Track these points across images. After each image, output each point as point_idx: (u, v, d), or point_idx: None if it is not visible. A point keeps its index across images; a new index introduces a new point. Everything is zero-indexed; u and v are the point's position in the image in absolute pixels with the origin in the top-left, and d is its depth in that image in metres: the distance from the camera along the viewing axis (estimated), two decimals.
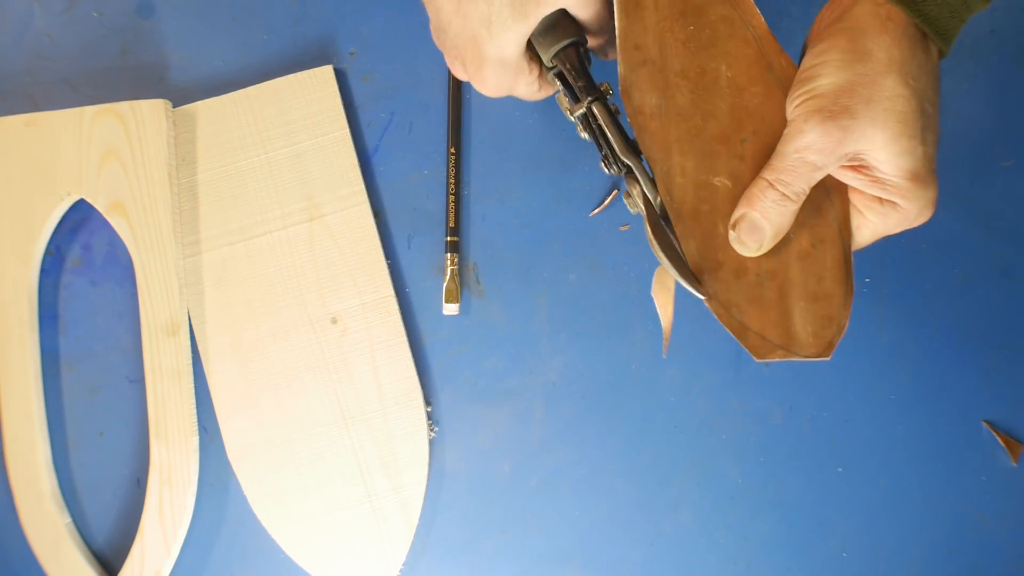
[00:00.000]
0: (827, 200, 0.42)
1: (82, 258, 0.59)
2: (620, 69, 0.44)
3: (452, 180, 0.57)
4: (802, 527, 0.54)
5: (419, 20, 0.60)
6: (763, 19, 0.44)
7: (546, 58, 0.46)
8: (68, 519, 0.55)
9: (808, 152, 0.39)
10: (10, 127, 0.57)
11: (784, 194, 0.40)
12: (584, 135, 0.47)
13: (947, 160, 0.56)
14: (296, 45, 0.60)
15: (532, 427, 0.56)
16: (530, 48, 0.46)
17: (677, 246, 0.43)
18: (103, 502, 0.56)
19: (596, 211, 0.57)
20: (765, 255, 0.42)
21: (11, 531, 0.55)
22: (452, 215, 0.57)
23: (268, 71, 0.59)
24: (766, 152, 0.42)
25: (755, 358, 0.42)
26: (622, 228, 0.57)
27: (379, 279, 0.56)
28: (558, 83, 0.47)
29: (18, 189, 0.57)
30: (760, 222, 0.40)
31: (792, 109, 0.40)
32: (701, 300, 0.42)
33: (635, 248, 0.57)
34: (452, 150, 0.58)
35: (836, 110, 0.38)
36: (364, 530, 0.54)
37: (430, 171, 0.58)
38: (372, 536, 0.54)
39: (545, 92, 0.50)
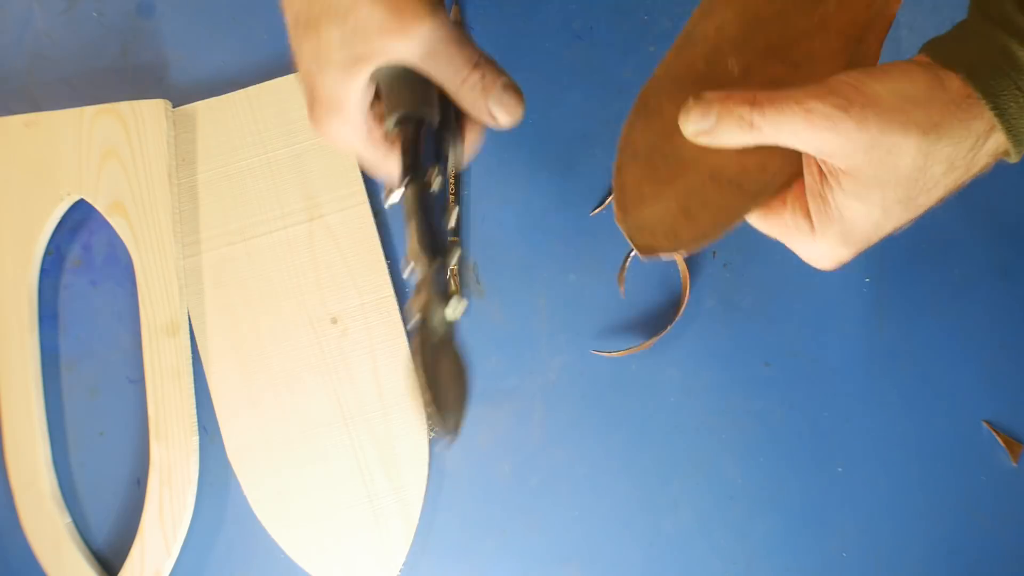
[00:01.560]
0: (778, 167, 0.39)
1: (82, 258, 0.59)
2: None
3: (452, 180, 0.57)
4: (802, 527, 0.54)
5: None
6: None
7: (387, 122, 0.39)
8: (68, 519, 0.55)
9: (810, 103, 0.34)
10: (10, 127, 0.57)
11: (749, 120, 0.36)
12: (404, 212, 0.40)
13: None
14: None
15: (532, 427, 0.56)
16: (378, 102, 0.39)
17: (435, 375, 0.38)
18: (103, 502, 0.56)
19: (596, 211, 0.57)
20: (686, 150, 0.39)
21: (11, 531, 0.55)
22: (452, 215, 0.57)
23: (268, 71, 0.59)
24: None
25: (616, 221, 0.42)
26: None
27: (379, 279, 0.56)
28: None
29: (18, 189, 0.57)
30: (710, 110, 0.36)
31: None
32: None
33: None
34: None
35: (854, 103, 0.34)
36: (364, 530, 0.54)
37: None
38: (372, 536, 0.54)
39: (392, 165, 0.40)
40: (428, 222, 0.39)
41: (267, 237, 0.57)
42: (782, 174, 0.40)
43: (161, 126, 0.57)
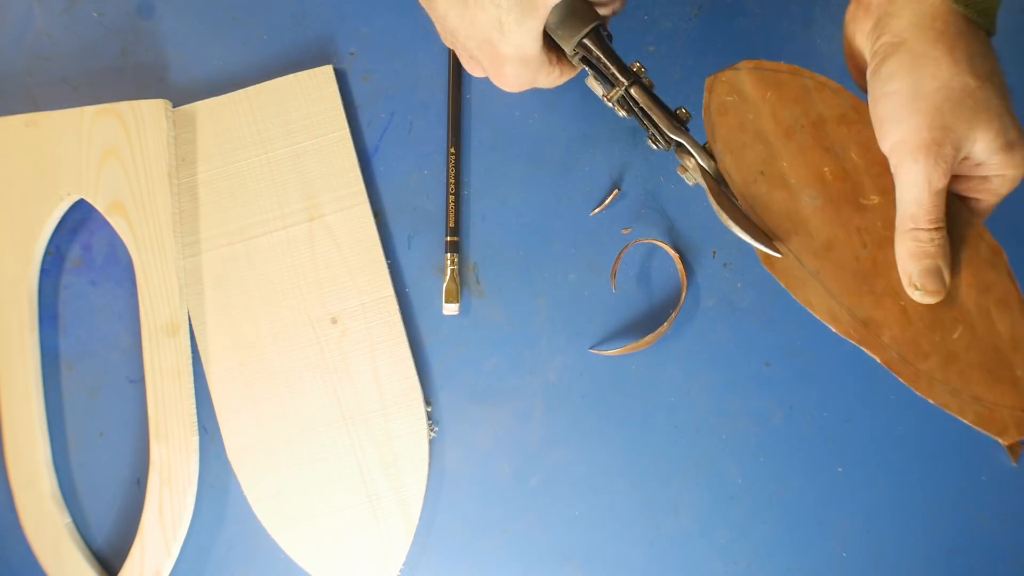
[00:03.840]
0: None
1: (82, 258, 0.59)
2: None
3: (452, 180, 0.57)
4: (802, 527, 0.54)
5: (419, 20, 0.60)
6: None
7: (568, 48, 0.45)
8: (68, 519, 0.55)
9: (935, 182, 0.40)
10: (10, 127, 0.57)
11: (933, 228, 0.41)
12: (623, 114, 0.47)
13: None
14: (296, 45, 0.60)
15: (532, 427, 0.56)
16: (547, 37, 0.46)
17: (741, 208, 0.43)
18: (103, 502, 0.56)
19: (596, 211, 0.57)
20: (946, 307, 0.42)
21: (11, 531, 0.55)
22: (452, 215, 0.57)
23: (268, 71, 0.59)
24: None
25: (1006, 441, 0.42)
26: (624, 231, 0.57)
27: (379, 279, 0.56)
28: (586, 68, 0.46)
29: (18, 189, 0.57)
30: (932, 264, 0.41)
31: (892, 151, 0.41)
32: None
33: (636, 248, 0.57)
34: (452, 150, 0.58)
35: (936, 135, 0.39)
36: (364, 530, 0.54)
37: (430, 171, 0.58)
38: (372, 536, 0.54)
39: (568, 76, 0.49)
40: (661, 103, 0.45)
41: (267, 237, 0.57)
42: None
43: (161, 126, 0.57)
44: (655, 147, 0.46)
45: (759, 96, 0.45)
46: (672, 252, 0.56)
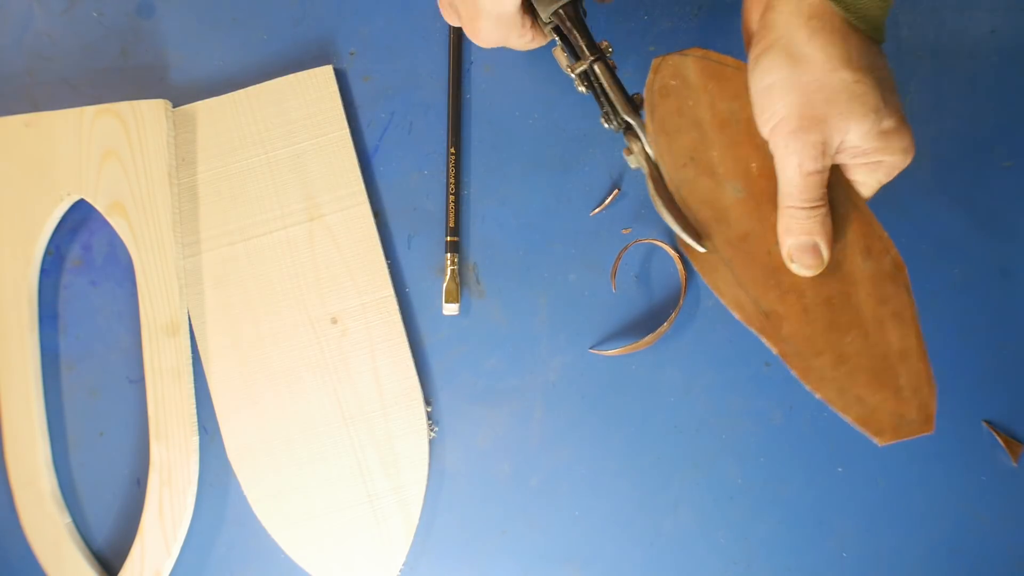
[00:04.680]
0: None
1: (82, 258, 0.59)
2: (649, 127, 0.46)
3: (452, 180, 0.57)
4: (802, 527, 0.54)
5: (419, 20, 0.60)
6: None
7: (544, 14, 0.46)
8: (68, 519, 0.55)
9: (805, 166, 0.42)
10: (10, 127, 0.57)
11: (809, 206, 0.43)
12: (581, 89, 0.48)
13: (947, 160, 0.56)
14: (296, 45, 0.60)
15: (532, 427, 0.56)
16: (525, 1, 0.47)
17: (676, 201, 0.45)
18: (103, 502, 0.56)
19: (596, 211, 0.57)
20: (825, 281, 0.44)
21: (11, 531, 0.55)
22: (452, 215, 0.57)
23: (268, 71, 0.59)
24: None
25: (881, 442, 0.44)
26: (624, 231, 0.57)
27: (379, 279, 0.56)
28: (556, 38, 0.48)
29: (18, 189, 0.57)
30: (807, 239, 0.43)
31: (767, 134, 0.43)
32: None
33: (636, 248, 0.57)
34: (452, 150, 0.58)
35: (805, 123, 0.41)
36: (364, 530, 0.54)
37: (430, 171, 0.58)
38: (372, 536, 0.54)
39: (538, 43, 0.50)
40: (620, 83, 0.46)
41: (267, 237, 0.57)
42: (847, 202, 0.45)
43: (161, 126, 0.57)
44: (607, 126, 0.47)
45: (701, 85, 0.46)
46: (672, 252, 0.56)
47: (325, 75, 0.58)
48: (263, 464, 0.55)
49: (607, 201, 0.57)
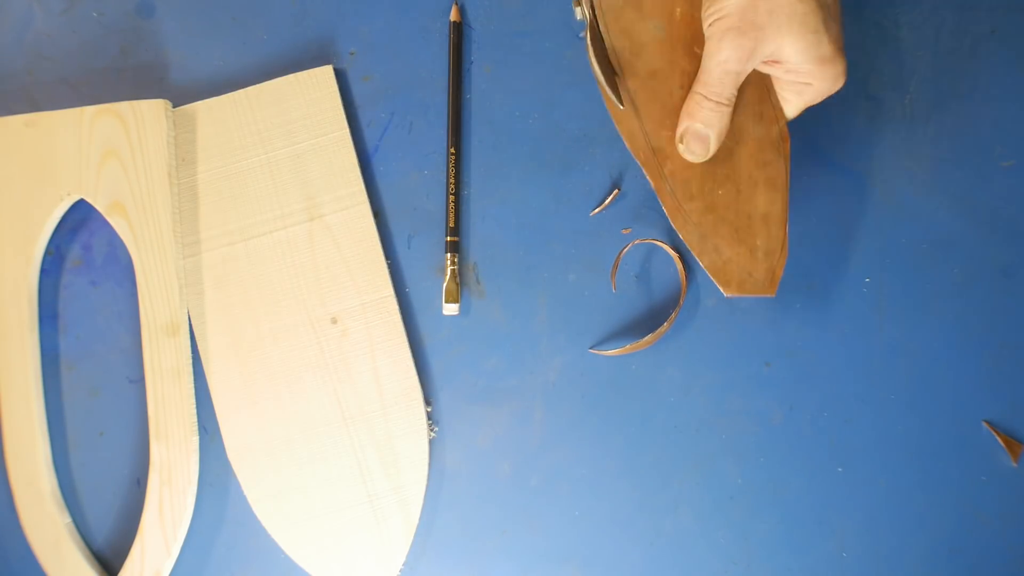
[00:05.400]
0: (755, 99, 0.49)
1: (82, 258, 0.59)
2: None
3: (452, 180, 0.57)
4: (802, 527, 0.54)
5: (419, 20, 0.60)
6: None
7: None
8: (68, 519, 0.55)
9: (728, 63, 0.46)
10: (10, 127, 0.57)
11: (717, 102, 0.47)
12: None
13: (947, 160, 0.56)
14: (296, 45, 0.60)
15: (532, 427, 0.56)
16: None
17: (609, 57, 0.48)
18: (103, 502, 0.56)
19: (596, 211, 0.57)
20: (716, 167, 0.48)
21: (11, 531, 0.55)
22: (452, 215, 0.57)
23: (268, 71, 0.59)
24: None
25: (726, 293, 0.49)
26: (624, 231, 0.57)
27: (379, 279, 0.56)
28: None
29: (18, 189, 0.57)
30: (703, 130, 0.47)
31: (707, 28, 0.46)
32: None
33: (636, 248, 0.57)
34: (452, 150, 0.58)
35: (744, 27, 0.44)
36: (364, 530, 0.54)
37: (430, 171, 0.58)
38: (372, 536, 0.54)
39: None
40: None
41: (267, 237, 0.57)
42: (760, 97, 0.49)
43: (161, 126, 0.57)
44: None
45: None
46: (672, 252, 0.56)
47: (325, 75, 0.58)
48: (263, 464, 0.55)
49: (607, 201, 0.57)
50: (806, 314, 0.56)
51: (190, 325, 0.56)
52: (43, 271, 0.58)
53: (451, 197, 0.57)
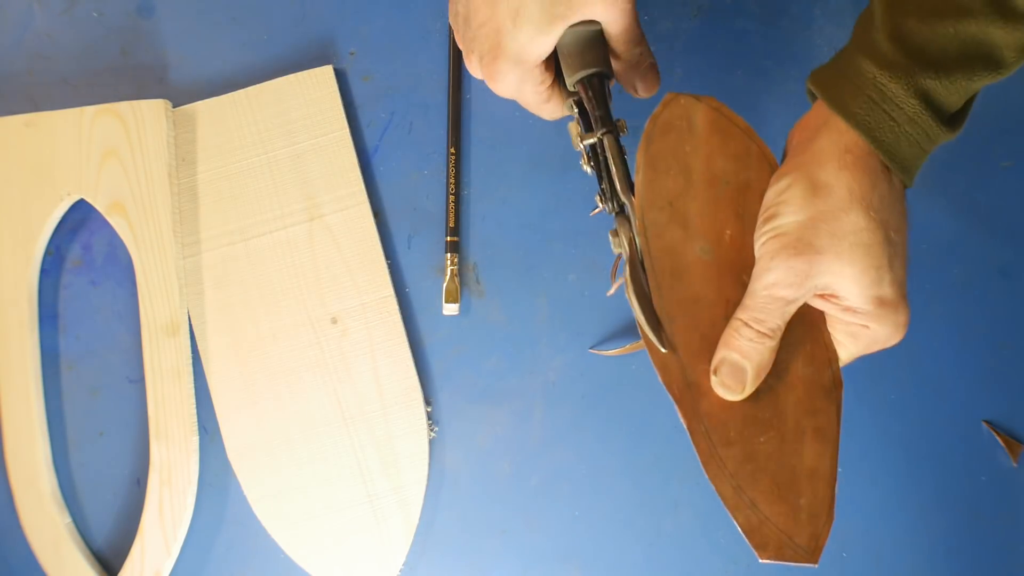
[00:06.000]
0: (806, 335, 0.43)
1: (82, 258, 0.59)
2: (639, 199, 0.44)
3: (452, 180, 0.57)
4: None
5: (419, 20, 0.60)
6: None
7: (570, 80, 0.45)
8: (68, 519, 0.55)
9: (777, 288, 0.40)
10: (10, 127, 0.57)
11: (759, 331, 0.40)
12: (587, 168, 0.47)
13: (947, 160, 0.56)
14: (296, 45, 0.60)
15: (532, 427, 0.56)
16: (553, 61, 0.46)
17: (648, 294, 0.43)
18: (103, 502, 0.56)
19: (596, 211, 0.57)
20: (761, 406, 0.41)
21: (11, 531, 0.55)
22: (452, 215, 0.57)
23: (268, 71, 0.59)
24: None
25: (761, 558, 0.40)
26: None
27: (379, 279, 0.56)
28: (574, 109, 0.47)
29: (18, 189, 0.57)
30: (740, 362, 0.40)
31: (759, 247, 0.41)
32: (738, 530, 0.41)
33: None
34: (452, 150, 0.58)
35: (801, 247, 0.39)
36: (364, 530, 0.54)
37: (430, 171, 0.58)
38: (372, 536, 0.54)
39: (551, 105, 0.49)
40: (625, 162, 0.45)
41: (267, 237, 0.57)
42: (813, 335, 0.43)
43: (161, 126, 0.57)
44: (600, 206, 0.46)
45: (705, 135, 0.44)
46: None
47: (325, 75, 0.58)
48: (263, 464, 0.55)
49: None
50: None
51: (190, 325, 0.56)
52: (43, 271, 0.58)
53: (451, 197, 0.57)
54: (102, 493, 0.56)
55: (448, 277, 0.56)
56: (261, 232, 0.57)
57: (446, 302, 0.56)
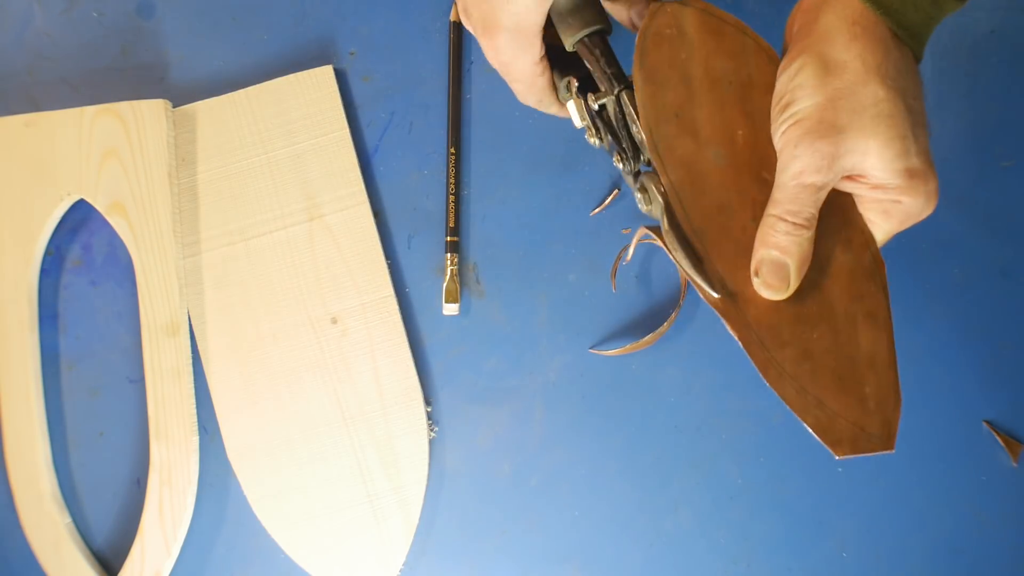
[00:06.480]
0: (842, 221, 0.41)
1: (82, 258, 0.59)
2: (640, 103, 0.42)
3: (452, 180, 0.57)
4: (802, 527, 0.54)
5: (419, 20, 0.60)
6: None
7: (569, 42, 0.45)
8: (68, 519, 0.55)
9: (805, 175, 0.38)
10: (10, 127, 0.57)
11: (795, 223, 0.39)
12: (594, 140, 0.46)
13: (947, 160, 0.56)
14: (296, 45, 0.60)
15: (532, 427, 0.56)
16: (547, 30, 0.45)
17: (693, 246, 0.41)
18: (103, 502, 0.56)
19: (596, 211, 0.57)
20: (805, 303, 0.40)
21: (11, 531, 0.55)
22: (452, 215, 0.57)
23: (268, 71, 0.59)
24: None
25: (838, 454, 0.39)
26: (624, 231, 0.57)
27: (379, 279, 0.56)
28: (572, 88, 0.46)
29: (18, 189, 0.57)
30: (780, 258, 0.39)
31: (779, 137, 0.40)
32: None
33: (636, 248, 0.57)
34: (452, 150, 0.58)
35: (823, 129, 0.38)
36: (364, 530, 0.54)
37: (430, 171, 0.58)
38: (372, 536, 0.54)
39: (543, 81, 0.48)
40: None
41: (267, 237, 0.57)
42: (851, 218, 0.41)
43: (161, 126, 0.57)
44: (620, 166, 0.45)
45: (698, 39, 0.43)
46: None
47: (325, 75, 0.58)
48: (263, 464, 0.55)
49: (607, 201, 0.57)
50: None
51: (190, 325, 0.56)
52: (43, 271, 0.58)
53: (451, 197, 0.57)
54: (102, 493, 0.56)
55: (448, 277, 0.56)
56: (261, 232, 0.57)
57: (446, 302, 0.56)
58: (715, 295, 0.40)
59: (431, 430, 0.56)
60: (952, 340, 0.55)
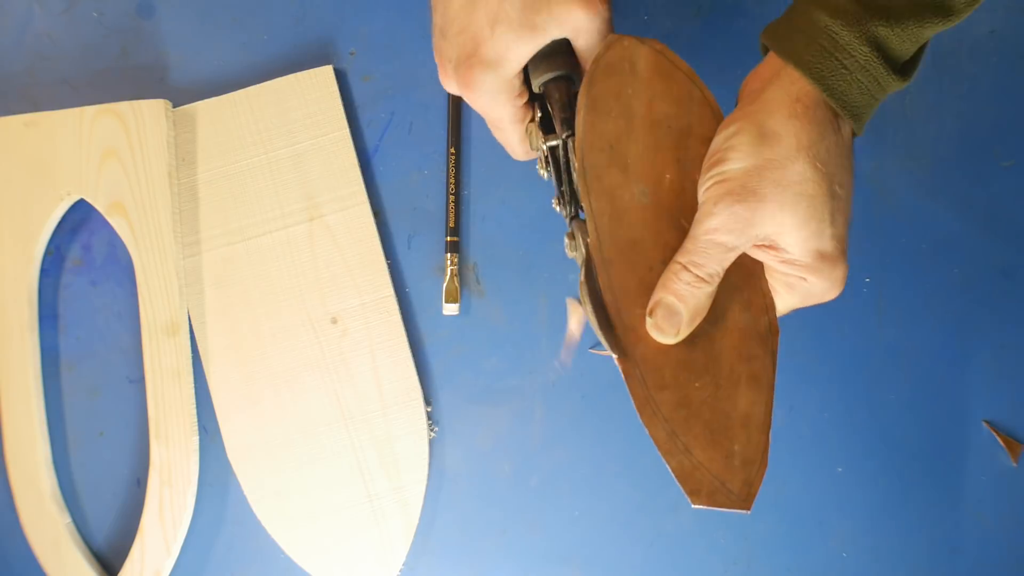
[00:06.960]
0: (746, 284, 0.42)
1: (82, 258, 0.59)
2: (579, 134, 0.43)
3: (452, 180, 0.57)
4: (802, 527, 0.54)
5: (419, 20, 0.60)
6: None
7: (536, 83, 0.45)
8: (68, 519, 0.55)
9: (718, 234, 0.39)
10: (10, 127, 0.57)
11: (697, 275, 0.40)
12: (543, 172, 0.46)
13: (947, 160, 0.57)
14: (296, 45, 0.60)
15: (532, 427, 0.56)
16: (524, 74, 0.45)
17: (604, 302, 0.42)
18: (103, 502, 0.56)
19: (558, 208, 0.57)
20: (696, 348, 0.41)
21: (11, 531, 0.55)
22: (452, 215, 0.57)
23: (268, 71, 0.59)
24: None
25: (693, 503, 0.40)
26: None
27: (379, 279, 0.56)
28: (536, 112, 0.46)
29: (18, 189, 0.57)
30: (676, 304, 0.40)
31: (703, 191, 0.40)
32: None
33: None
34: (452, 150, 0.58)
35: (745, 194, 0.39)
36: (364, 530, 0.54)
37: (430, 171, 0.58)
38: (372, 536, 0.54)
39: (524, 127, 0.48)
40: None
41: (267, 237, 0.57)
42: (752, 288, 0.42)
43: (161, 126, 0.57)
44: (557, 209, 0.46)
45: (647, 78, 0.43)
46: None
47: (325, 75, 0.58)
48: (263, 464, 0.55)
49: None
50: (806, 314, 0.56)
51: (190, 325, 0.56)
52: (43, 271, 0.58)
53: (451, 197, 0.57)
54: (102, 493, 0.56)
55: (448, 277, 0.56)
56: (261, 232, 0.57)
57: (446, 302, 0.56)
58: (615, 355, 0.41)
59: (431, 430, 0.56)
60: (952, 340, 0.55)
